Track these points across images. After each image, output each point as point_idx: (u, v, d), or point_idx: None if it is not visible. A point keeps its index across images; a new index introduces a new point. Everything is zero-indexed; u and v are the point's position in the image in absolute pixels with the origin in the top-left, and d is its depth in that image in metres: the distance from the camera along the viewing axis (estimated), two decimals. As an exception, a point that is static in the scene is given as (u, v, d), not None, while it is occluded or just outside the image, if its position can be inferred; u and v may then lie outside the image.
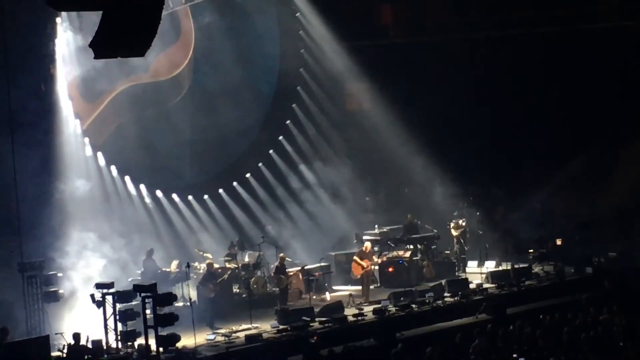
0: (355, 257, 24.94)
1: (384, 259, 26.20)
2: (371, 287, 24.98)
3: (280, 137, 30.33)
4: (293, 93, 30.50)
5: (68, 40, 23.96)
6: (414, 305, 22.63)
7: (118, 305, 19.60)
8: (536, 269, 26.67)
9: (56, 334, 19.58)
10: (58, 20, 23.44)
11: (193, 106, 28.13)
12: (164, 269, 24.21)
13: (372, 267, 25.32)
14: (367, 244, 25.26)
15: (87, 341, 18.97)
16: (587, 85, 29.19)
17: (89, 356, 18.73)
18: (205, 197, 28.36)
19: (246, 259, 25.78)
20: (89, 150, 25.35)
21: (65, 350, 18.67)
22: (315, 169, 30.29)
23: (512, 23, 30.96)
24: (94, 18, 21.11)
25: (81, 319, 20.63)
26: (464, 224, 27.58)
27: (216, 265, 23.91)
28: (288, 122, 30.47)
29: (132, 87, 27.20)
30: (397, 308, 22.36)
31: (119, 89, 27.00)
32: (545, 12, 30.89)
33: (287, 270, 24.21)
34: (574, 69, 29.27)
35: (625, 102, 29.51)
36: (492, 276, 25.42)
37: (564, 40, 29.88)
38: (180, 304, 21.80)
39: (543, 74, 29.78)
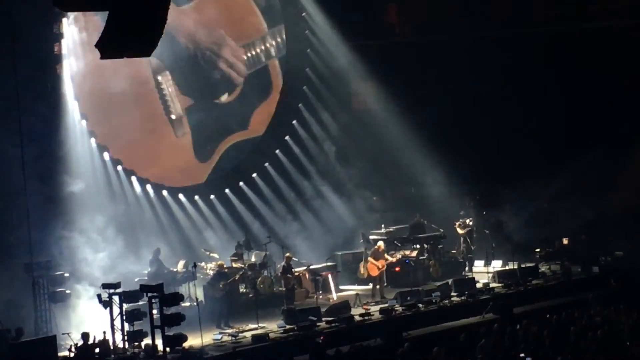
0: (370, 258, 24.93)
1: (398, 257, 26.12)
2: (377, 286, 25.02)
3: (287, 137, 30.31)
4: (299, 93, 30.49)
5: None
6: (420, 305, 22.64)
7: (125, 305, 19.62)
8: (543, 268, 26.71)
9: (63, 334, 19.60)
10: (64, 20, 23.47)
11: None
12: (170, 269, 24.23)
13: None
14: (380, 243, 25.20)
15: (94, 340, 18.99)
16: (594, 84, 29.15)
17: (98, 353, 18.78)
18: (212, 197, 28.36)
19: (253, 259, 25.78)
20: (95, 150, 25.37)
21: (74, 350, 18.68)
22: (321, 169, 30.28)
23: (518, 22, 30.92)
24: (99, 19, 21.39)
25: (87, 318, 20.71)
26: (470, 223, 27.56)
27: (226, 266, 23.94)
28: (294, 121, 30.46)
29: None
30: (403, 307, 22.36)
31: (223, 148, 28.88)
32: (550, 12, 30.86)
33: (293, 269, 24.21)
34: (580, 68, 29.22)
35: (632, 101, 29.45)
36: (499, 275, 25.42)
37: (569, 40, 29.83)
38: (187, 304, 21.81)
39: (549, 74, 29.70)
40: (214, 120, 28.44)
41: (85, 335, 18.86)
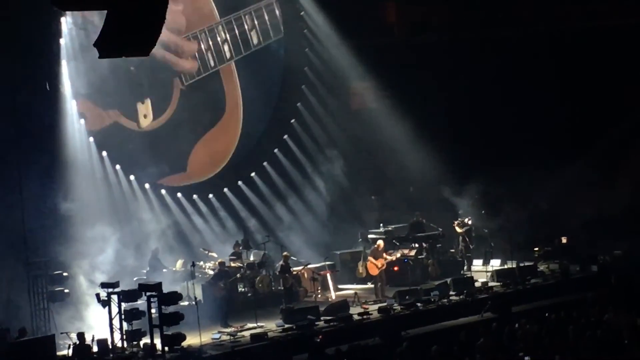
0: (369, 257, 24.96)
1: (399, 255, 26.12)
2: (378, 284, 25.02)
3: (285, 136, 30.28)
4: (298, 92, 30.47)
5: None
6: (419, 304, 22.64)
7: (123, 305, 19.61)
8: (541, 267, 26.70)
9: (62, 333, 19.59)
10: (63, 19, 23.44)
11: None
12: (169, 268, 24.22)
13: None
14: (380, 242, 25.21)
15: (92, 340, 18.98)
16: (594, 82, 29.15)
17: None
18: (210, 196, 28.33)
19: (251, 258, 25.78)
20: (94, 149, 25.35)
21: (72, 349, 18.68)
22: (320, 168, 30.26)
23: (515, 21, 30.93)
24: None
25: (86, 318, 20.72)
26: (469, 222, 27.57)
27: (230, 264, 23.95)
28: (293, 121, 30.44)
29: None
30: (402, 307, 22.37)
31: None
32: (549, 10, 30.86)
33: (292, 269, 24.21)
34: (580, 66, 29.21)
35: (632, 100, 29.46)
36: (498, 274, 25.42)
37: (569, 38, 29.84)
38: (186, 303, 21.80)
39: (548, 72, 29.69)
40: (128, 154, 25.18)
41: (80, 335, 18.84)
